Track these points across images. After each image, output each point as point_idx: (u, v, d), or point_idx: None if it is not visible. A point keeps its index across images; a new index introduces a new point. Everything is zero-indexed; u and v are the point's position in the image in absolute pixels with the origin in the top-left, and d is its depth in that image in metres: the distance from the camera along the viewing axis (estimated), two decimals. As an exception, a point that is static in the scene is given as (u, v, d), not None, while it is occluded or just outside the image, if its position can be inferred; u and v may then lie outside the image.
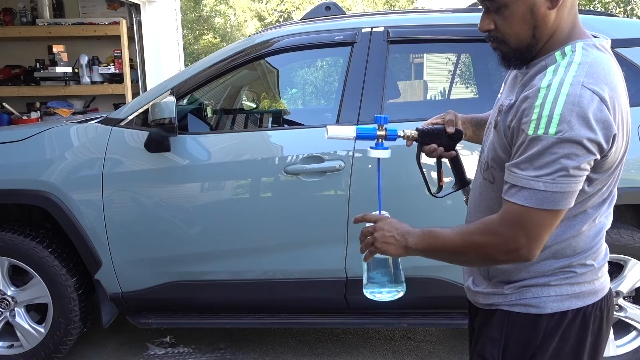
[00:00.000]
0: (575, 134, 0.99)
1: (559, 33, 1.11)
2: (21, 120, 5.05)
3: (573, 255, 1.15)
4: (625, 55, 2.52)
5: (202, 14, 21.35)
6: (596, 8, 9.26)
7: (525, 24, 1.10)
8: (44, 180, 2.52)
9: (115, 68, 5.29)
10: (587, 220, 1.14)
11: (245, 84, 3.68)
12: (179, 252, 2.55)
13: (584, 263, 1.16)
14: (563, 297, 1.15)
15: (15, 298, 2.68)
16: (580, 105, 0.99)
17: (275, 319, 2.66)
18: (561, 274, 1.15)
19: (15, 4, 5.42)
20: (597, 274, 1.18)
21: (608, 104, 1.01)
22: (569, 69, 1.04)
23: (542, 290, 1.15)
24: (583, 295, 1.16)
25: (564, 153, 1.00)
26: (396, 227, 1.23)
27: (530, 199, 1.03)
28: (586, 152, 1.00)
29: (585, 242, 1.16)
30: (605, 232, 1.20)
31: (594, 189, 1.10)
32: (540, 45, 1.12)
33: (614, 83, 1.05)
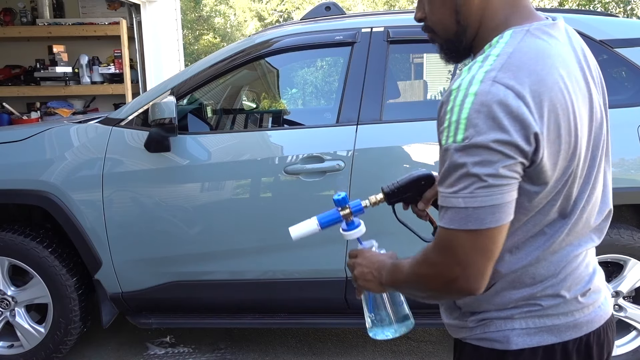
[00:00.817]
0: (483, 138, 0.83)
1: (491, 19, 0.96)
2: (21, 120, 5.05)
3: (534, 285, 0.97)
4: (625, 55, 2.52)
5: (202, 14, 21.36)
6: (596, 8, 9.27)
7: (446, 9, 0.97)
8: (44, 180, 2.52)
9: (115, 68, 5.29)
10: (546, 242, 0.96)
11: (245, 84, 3.68)
12: (179, 252, 2.55)
13: (550, 294, 0.97)
14: (531, 331, 0.97)
15: (16, 298, 2.68)
16: (488, 104, 0.84)
17: (275, 319, 2.66)
18: (525, 307, 0.98)
19: (16, 4, 5.42)
20: (575, 305, 0.99)
21: (527, 99, 0.84)
22: (484, 63, 0.88)
23: (506, 323, 0.98)
24: (558, 329, 0.98)
25: (475, 161, 0.84)
26: (373, 262, 1.11)
27: (453, 219, 0.88)
28: (501, 156, 0.84)
29: (547, 269, 0.97)
30: (581, 256, 1.01)
31: (538, 204, 0.93)
32: (470, 33, 0.98)
33: (543, 74, 0.87)
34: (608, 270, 2.63)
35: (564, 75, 0.89)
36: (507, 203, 0.87)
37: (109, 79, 5.36)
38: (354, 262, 1.16)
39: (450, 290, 0.93)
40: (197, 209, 2.52)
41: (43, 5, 5.44)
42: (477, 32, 0.98)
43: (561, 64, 0.90)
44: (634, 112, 2.49)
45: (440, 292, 0.97)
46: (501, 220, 0.87)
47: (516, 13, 0.95)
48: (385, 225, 2.49)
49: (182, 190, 2.52)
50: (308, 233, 1.29)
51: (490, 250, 0.89)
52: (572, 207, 0.96)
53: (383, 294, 1.17)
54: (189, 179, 2.53)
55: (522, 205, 0.92)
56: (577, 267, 1.00)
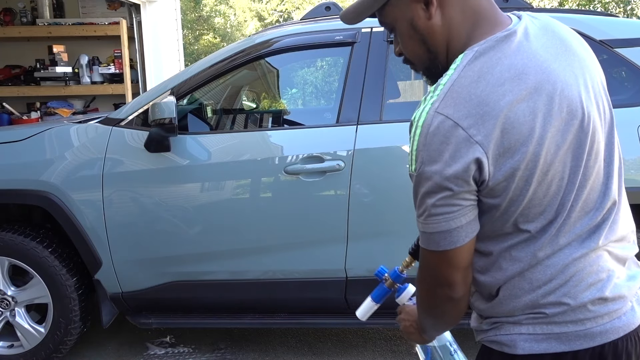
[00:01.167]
0: (426, 169, 0.89)
1: (456, 40, 0.98)
2: (21, 120, 5.05)
3: (533, 290, 0.97)
4: (625, 55, 2.52)
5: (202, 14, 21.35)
6: (596, 8, 9.27)
7: (413, 40, 1.01)
8: (44, 180, 2.52)
9: (115, 68, 5.29)
10: (537, 246, 0.96)
11: (245, 84, 3.68)
12: (179, 252, 2.55)
13: (553, 301, 0.96)
14: (538, 337, 0.97)
15: (16, 298, 2.68)
16: (429, 135, 0.89)
17: (275, 319, 2.66)
18: (530, 313, 0.98)
19: (16, 4, 5.42)
20: (585, 313, 0.96)
21: (465, 124, 0.87)
22: (434, 93, 0.93)
23: (514, 327, 1.00)
24: (567, 337, 0.96)
25: (424, 191, 0.91)
26: (412, 315, 1.21)
27: (422, 240, 0.97)
28: (442, 188, 0.89)
29: (544, 273, 0.96)
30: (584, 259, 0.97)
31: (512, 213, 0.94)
32: (442, 57, 1.01)
33: (484, 95, 0.89)
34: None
35: (512, 87, 0.90)
36: (456, 229, 0.92)
37: (109, 79, 5.36)
38: (399, 319, 1.26)
39: (437, 300, 1.01)
40: (197, 209, 2.52)
41: (43, 5, 5.44)
42: (447, 55, 1.00)
43: (509, 77, 0.90)
44: (634, 112, 2.49)
45: (436, 306, 1.03)
46: (455, 244, 0.93)
47: (478, 29, 0.97)
48: (385, 226, 2.50)
49: (182, 190, 2.53)
50: (370, 310, 1.41)
51: (453, 265, 0.96)
52: (557, 209, 0.95)
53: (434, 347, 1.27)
54: (189, 179, 2.53)
55: (495, 217, 0.95)
56: (580, 270, 0.96)
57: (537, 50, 0.95)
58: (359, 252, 2.46)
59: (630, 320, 0.98)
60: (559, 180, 0.94)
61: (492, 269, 0.99)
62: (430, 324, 1.12)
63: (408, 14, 0.99)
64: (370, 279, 2.51)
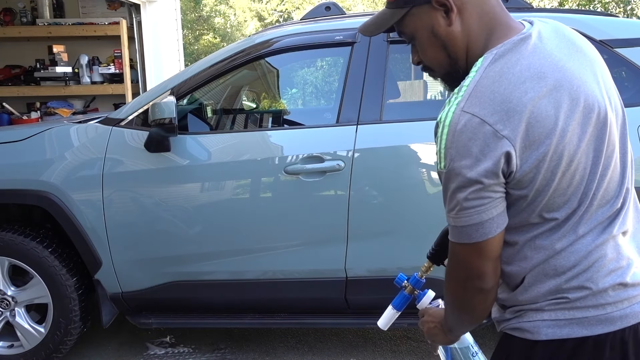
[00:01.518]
0: (456, 165, 0.95)
1: (475, 45, 1.04)
2: (21, 120, 5.05)
3: (557, 276, 1.01)
4: (625, 55, 2.52)
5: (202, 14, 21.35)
6: (596, 8, 9.27)
7: (435, 47, 1.06)
8: (44, 180, 2.52)
9: (115, 68, 5.29)
10: (561, 234, 1.01)
11: (245, 84, 3.68)
12: (179, 252, 2.55)
13: (575, 286, 1.00)
14: (560, 323, 1.01)
15: (16, 298, 2.68)
16: (456, 133, 0.95)
17: (275, 319, 2.66)
18: (553, 299, 1.02)
19: (16, 4, 5.42)
20: (606, 298, 1.00)
21: (492, 120, 0.93)
22: (458, 94, 0.98)
23: (537, 314, 1.03)
24: (588, 321, 1.00)
25: (454, 187, 0.97)
26: (436, 316, 1.24)
27: (453, 234, 1.01)
28: (472, 182, 0.94)
29: (568, 259, 1.01)
30: (606, 245, 1.01)
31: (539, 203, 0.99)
32: (462, 62, 1.06)
33: (507, 92, 0.95)
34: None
35: (532, 85, 0.96)
36: (487, 220, 0.97)
37: (109, 79, 5.36)
38: (422, 321, 1.29)
39: (468, 294, 1.04)
40: (197, 209, 2.52)
41: (43, 5, 5.44)
42: (467, 59, 1.06)
43: (529, 76, 0.96)
44: (634, 112, 2.49)
45: (467, 300, 1.06)
46: (487, 235, 0.98)
47: (494, 34, 1.03)
48: (385, 225, 2.50)
49: (182, 190, 2.53)
50: (392, 318, 1.44)
51: (485, 256, 1.00)
52: (581, 198, 1.00)
53: (455, 348, 1.29)
54: (189, 179, 2.53)
55: (522, 208, 1.00)
56: (602, 257, 1.00)
57: (552, 51, 1.01)
58: (359, 252, 2.46)
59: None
60: (582, 170, 0.99)
61: (518, 259, 1.04)
62: (459, 321, 1.15)
63: (428, 22, 1.04)
64: (370, 279, 2.52)
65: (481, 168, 0.94)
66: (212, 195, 2.53)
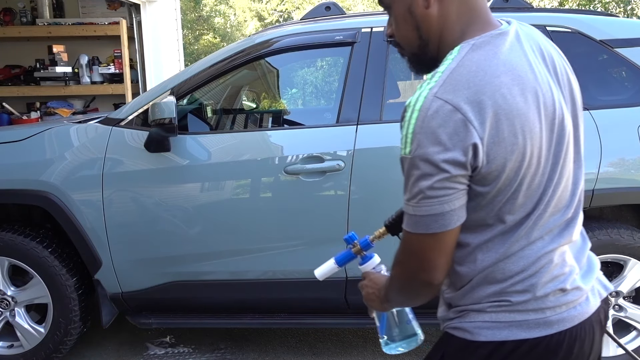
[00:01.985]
0: (423, 151, 0.91)
1: (450, 33, 1.02)
2: (21, 120, 5.05)
3: (504, 280, 1.01)
4: (625, 55, 2.52)
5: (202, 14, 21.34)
6: (596, 8, 9.26)
7: (408, 25, 1.05)
8: (44, 180, 2.52)
9: (115, 68, 5.29)
10: (514, 238, 1.00)
11: (245, 84, 3.68)
12: (179, 252, 2.55)
13: (519, 289, 1.01)
14: (501, 325, 1.01)
15: (15, 298, 2.68)
16: (427, 118, 0.91)
17: (275, 319, 2.66)
18: (495, 301, 1.02)
19: (15, 4, 5.42)
20: (546, 303, 1.01)
21: (464, 109, 0.91)
22: (431, 80, 0.96)
23: (478, 315, 1.03)
24: (527, 324, 1.01)
25: (418, 174, 0.93)
26: (377, 283, 1.23)
27: (408, 223, 0.98)
28: (438, 171, 0.91)
29: (517, 264, 1.01)
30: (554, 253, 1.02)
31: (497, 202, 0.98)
32: (433, 47, 1.05)
33: (482, 84, 0.93)
34: (608, 270, 2.63)
35: (506, 81, 0.94)
36: (449, 212, 0.95)
37: (109, 79, 5.36)
38: (362, 284, 1.29)
39: (415, 284, 1.03)
40: (197, 209, 2.52)
41: (43, 5, 5.44)
42: (438, 46, 1.04)
43: (504, 71, 0.95)
44: (634, 112, 2.49)
45: (411, 287, 1.06)
46: (445, 227, 0.96)
47: (472, 25, 1.02)
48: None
49: (182, 190, 2.52)
50: (330, 272, 1.42)
51: (440, 249, 0.98)
52: (536, 202, 1.00)
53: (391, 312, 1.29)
54: (189, 179, 2.53)
55: (480, 205, 0.99)
56: (548, 263, 1.02)
57: (526, 51, 1.01)
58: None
59: (585, 310, 1.04)
60: (541, 176, 0.99)
61: (469, 260, 1.03)
62: (398, 301, 1.15)
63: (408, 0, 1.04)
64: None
65: (449, 157, 0.91)
66: (212, 195, 2.53)
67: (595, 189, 2.42)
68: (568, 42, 2.56)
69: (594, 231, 2.49)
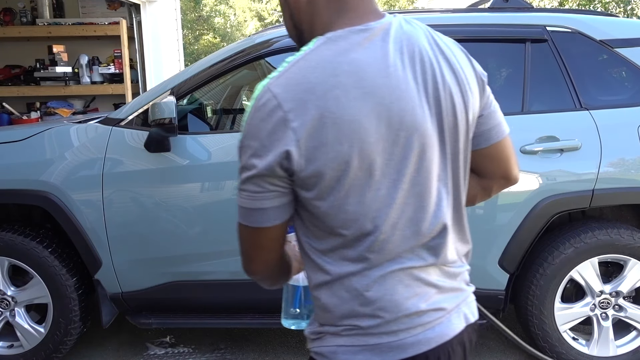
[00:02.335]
0: (244, 143, 0.89)
1: (319, 24, 0.96)
2: (21, 120, 5.05)
3: (352, 299, 0.94)
4: (625, 55, 2.52)
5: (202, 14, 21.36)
6: (596, 8, 9.26)
7: (285, 14, 1.03)
8: (44, 180, 2.52)
9: (115, 68, 5.29)
10: (355, 256, 0.93)
11: (245, 84, 3.68)
12: (179, 252, 2.55)
13: (368, 313, 0.94)
14: (355, 349, 0.95)
15: (15, 298, 2.68)
16: (255, 110, 0.88)
17: (275, 319, 2.66)
18: (348, 325, 0.96)
19: (15, 4, 5.42)
20: (399, 325, 0.94)
21: (287, 106, 0.85)
22: (278, 69, 0.91)
23: (334, 338, 0.98)
24: (381, 348, 0.94)
25: (241, 165, 0.91)
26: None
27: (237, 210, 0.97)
28: (252, 167, 0.88)
29: (360, 284, 0.94)
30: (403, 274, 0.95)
31: (326, 214, 0.91)
32: (307, 36, 0.99)
33: (316, 82, 0.86)
34: (608, 271, 2.63)
35: (345, 81, 0.86)
36: (260, 209, 0.91)
37: (109, 79, 5.36)
38: None
39: (243, 266, 1.02)
40: (197, 209, 2.52)
41: (43, 5, 5.44)
42: (312, 35, 0.98)
43: (347, 71, 0.87)
44: (634, 112, 2.49)
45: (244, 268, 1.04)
46: (258, 223, 0.92)
47: (341, 18, 0.94)
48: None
49: (182, 190, 2.52)
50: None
51: (254, 243, 0.96)
52: (373, 219, 0.91)
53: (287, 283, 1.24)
54: (189, 179, 2.53)
55: (314, 215, 0.93)
56: (396, 285, 0.94)
57: (389, 53, 0.91)
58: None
59: (444, 331, 0.97)
60: (375, 190, 0.90)
61: (313, 269, 0.98)
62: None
63: None
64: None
65: (262, 155, 0.87)
66: (212, 195, 2.53)
67: (595, 189, 2.42)
68: (568, 42, 2.56)
69: (593, 231, 2.49)
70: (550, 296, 2.54)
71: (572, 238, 2.51)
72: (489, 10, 2.73)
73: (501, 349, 2.93)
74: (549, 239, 2.57)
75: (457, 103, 0.95)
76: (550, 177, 2.43)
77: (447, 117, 0.94)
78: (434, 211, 0.95)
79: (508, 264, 2.50)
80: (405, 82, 0.90)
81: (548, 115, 2.50)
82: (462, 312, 1.02)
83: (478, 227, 2.45)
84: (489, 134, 1.06)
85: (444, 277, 1.00)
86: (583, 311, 2.59)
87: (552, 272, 2.51)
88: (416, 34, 0.96)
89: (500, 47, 2.67)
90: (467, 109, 0.97)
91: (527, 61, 2.56)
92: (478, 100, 1.01)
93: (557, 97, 2.53)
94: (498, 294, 2.56)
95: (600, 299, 2.57)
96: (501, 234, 2.47)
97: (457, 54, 1.00)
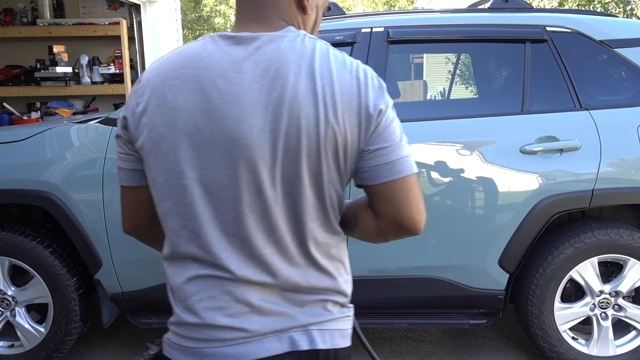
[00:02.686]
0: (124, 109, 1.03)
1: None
2: (21, 120, 5.05)
3: (170, 286, 1.01)
4: (625, 55, 2.52)
5: (202, 14, 21.36)
6: (596, 8, 9.26)
7: None
8: (45, 180, 2.53)
9: (115, 68, 5.29)
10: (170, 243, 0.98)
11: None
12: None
13: (175, 309, 1.01)
14: (173, 345, 1.02)
15: (16, 298, 2.69)
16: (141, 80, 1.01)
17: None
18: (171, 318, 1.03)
19: (16, 4, 5.42)
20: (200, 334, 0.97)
21: (141, 84, 0.97)
22: None
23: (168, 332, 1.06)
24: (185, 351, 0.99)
25: None
26: None
27: None
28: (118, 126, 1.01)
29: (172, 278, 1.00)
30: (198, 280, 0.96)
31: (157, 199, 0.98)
32: None
33: (167, 70, 0.94)
34: (608, 270, 2.64)
35: (188, 75, 0.92)
36: (119, 168, 1.03)
37: (109, 79, 5.36)
38: None
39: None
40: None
41: (43, 5, 5.45)
42: None
43: (195, 67, 0.92)
44: (634, 112, 2.50)
45: None
46: (120, 181, 1.04)
47: (241, 18, 1.00)
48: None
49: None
50: None
51: (122, 202, 1.08)
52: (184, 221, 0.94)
53: None
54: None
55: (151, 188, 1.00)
56: (201, 290, 0.95)
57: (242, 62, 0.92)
58: (359, 252, 2.47)
59: (248, 352, 0.95)
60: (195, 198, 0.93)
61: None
62: None
63: None
64: (370, 279, 2.52)
65: (120, 119, 0.99)
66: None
67: (595, 189, 2.42)
68: (568, 42, 2.56)
69: (593, 231, 2.50)
70: (550, 296, 2.54)
71: (571, 238, 2.51)
72: (489, 10, 2.73)
73: (501, 349, 2.93)
74: (549, 239, 2.57)
75: (303, 126, 0.90)
76: (550, 177, 2.43)
77: (285, 138, 0.90)
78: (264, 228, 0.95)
79: (508, 263, 2.50)
80: (247, 91, 0.90)
81: (548, 115, 2.51)
82: (290, 338, 0.97)
83: (478, 227, 2.45)
84: (378, 171, 0.96)
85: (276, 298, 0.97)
86: (583, 311, 2.59)
87: (551, 272, 2.52)
88: (292, 52, 0.92)
89: (500, 47, 2.68)
90: (320, 135, 0.91)
91: (527, 61, 2.56)
92: (353, 132, 0.93)
93: (557, 97, 2.53)
94: (498, 293, 2.56)
95: (600, 298, 2.58)
96: (501, 234, 2.47)
97: (341, 80, 0.92)
